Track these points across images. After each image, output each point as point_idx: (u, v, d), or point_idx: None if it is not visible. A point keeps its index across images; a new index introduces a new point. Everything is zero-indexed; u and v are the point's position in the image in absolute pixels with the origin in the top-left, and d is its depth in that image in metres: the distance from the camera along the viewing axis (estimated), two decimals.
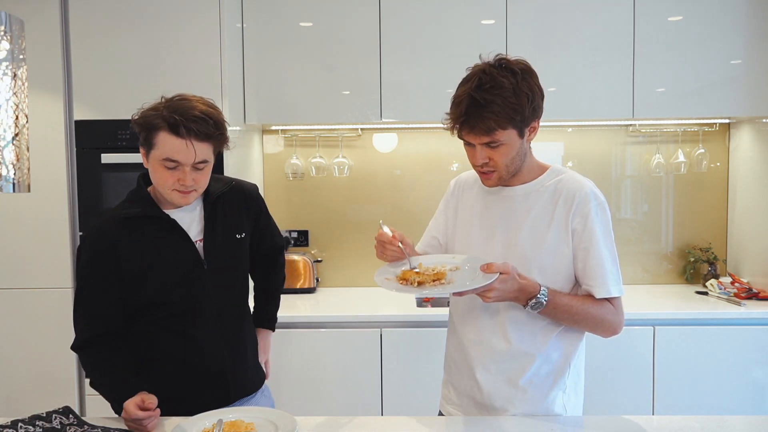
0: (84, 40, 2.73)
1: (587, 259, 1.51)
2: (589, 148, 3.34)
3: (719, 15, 2.89)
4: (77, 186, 2.77)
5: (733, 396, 2.72)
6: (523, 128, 1.49)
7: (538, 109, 1.50)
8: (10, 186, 1.24)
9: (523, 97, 1.45)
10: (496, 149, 1.49)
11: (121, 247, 1.59)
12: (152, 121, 1.54)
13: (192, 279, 1.62)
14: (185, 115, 1.51)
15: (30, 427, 1.45)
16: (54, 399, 2.58)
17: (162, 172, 1.55)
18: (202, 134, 1.53)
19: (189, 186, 1.55)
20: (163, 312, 1.63)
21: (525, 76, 1.48)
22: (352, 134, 3.30)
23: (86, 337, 1.62)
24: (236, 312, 1.73)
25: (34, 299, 2.75)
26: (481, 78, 1.46)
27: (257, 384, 1.78)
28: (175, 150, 1.52)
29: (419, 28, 2.93)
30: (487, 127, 1.45)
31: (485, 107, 1.43)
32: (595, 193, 1.53)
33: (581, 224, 1.51)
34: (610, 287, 1.51)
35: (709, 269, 3.22)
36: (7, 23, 1.21)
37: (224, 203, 1.71)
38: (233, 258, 1.70)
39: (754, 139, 3.11)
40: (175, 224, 1.62)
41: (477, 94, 1.44)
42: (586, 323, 1.54)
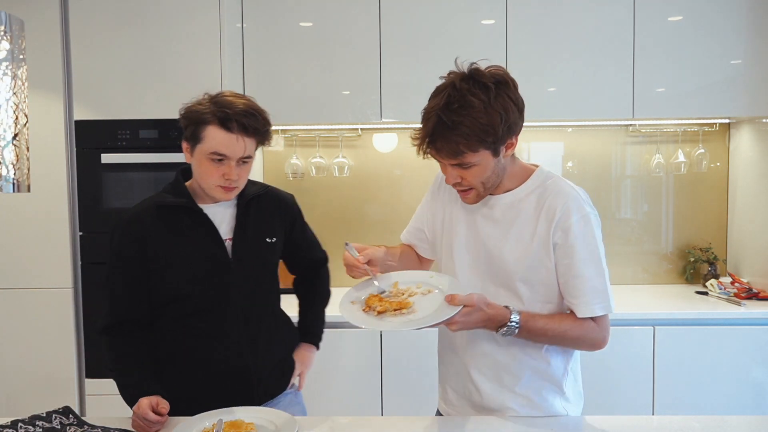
0: (84, 40, 2.73)
1: (568, 275, 1.43)
2: (589, 148, 3.34)
3: (719, 15, 2.89)
4: (77, 186, 2.77)
5: (733, 396, 2.72)
6: (497, 147, 1.39)
7: (514, 126, 1.39)
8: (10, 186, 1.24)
9: (495, 116, 1.34)
10: (468, 170, 1.40)
11: (152, 236, 1.61)
12: (201, 116, 1.56)
13: (217, 276, 1.63)
14: (234, 109, 1.54)
15: (30, 427, 1.45)
16: (54, 399, 2.58)
17: (208, 166, 1.57)
18: (251, 129, 1.55)
19: (233, 180, 1.57)
20: (186, 308, 1.63)
21: (499, 90, 1.36)
22: (352, 134, 3.30)
23: (110, 323, 1.63)
24: (261, 314, 1.71)
25: (34, 299, 2.75)
26: (450, 96, 1.34)
27: (282, 387, 1.77)
28: (223, 144, 1.54)
29: (419, 28, 2.93)
30: (454, 150, 1.36)
31: (453, 129, 1.33)
32: (579, 206, 1.44)
33: (562, 238, 1.42)
34: (594, 306, 1.42)
35: (709, 269, 3.22)
36: (7, 23, 1.21)
37: (257, 206, 1.72)
38: (261, 260, 1.69)
39: (754, 139, 3.11)
40: (207, 219, 1.63)
41: (444, 114, 1.33)
42: (565, 344, 1.48)
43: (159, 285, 1.62)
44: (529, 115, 3.14)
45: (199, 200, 1.66)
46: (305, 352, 1.86)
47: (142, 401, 1.50)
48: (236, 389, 1.64)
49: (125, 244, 1.62)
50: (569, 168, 3.34)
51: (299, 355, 1.84)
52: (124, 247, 1.63)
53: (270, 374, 1.72)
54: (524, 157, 3.36)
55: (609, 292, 1.45)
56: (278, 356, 1.76)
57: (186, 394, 1.62)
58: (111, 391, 2.72)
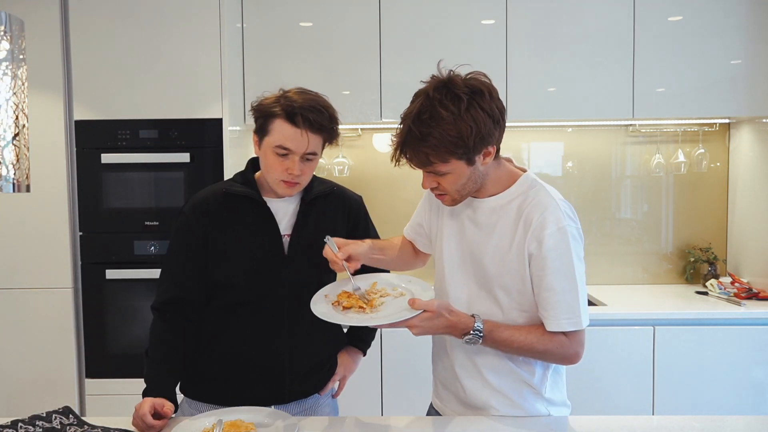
0: (84, 40, 2.73)
1: (540, 287, 1.42)
2: (589, 148, 3.34)
3: (719, 15, 2.89)
4: (77, 186, 2.77)
5: (733, 396, 2.72)
6: (470, 157, 1.37)
7: (488, 136, 1.36)
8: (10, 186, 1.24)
9: (465, 128, 1.32)
10: (443, 177, 1.41)
11: (215, 221, 1.63)
12: (270, 109, 1.57)
13: (270, 270, 1.63)
14: (304, 105, 1.55)
15: (30, 427, 1.45)
16: (54, 399, 2.59)
17: (273, 159, 1.58)
18: (317, 125, 1.56)
19: (296, 176, 1.58)
20: (235, 297, 1.64)
21: (472, 101, 1.34)
22: (352, 134, 3.30)
23: (164, 299, 1.65)
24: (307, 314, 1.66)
25: (34, 299, 2.75)
26: (422, 105, 1.34)
27: (316, 388, 1.74)
28: (289, 138, 1.55)
29: (419, 28, 2.93)
30: (423, 161, 1.37)
31: (422, 141, 1.34)
32: (557, 218, 1.41)
33: (536, 249, 1.40)
34: (562, 321, 1.40)
35: (709, 269, 3.22)
36: (7, 23, 1.21)
37: (322, 205, 1.72)
38: (316, 259, 1.66)
39: (754, 139, 3.11)
40: (270, 213, 1.65)
41: (414, 125, 1.34)
42: (533, 356, 1.47)
43: (213, 270, 1.64)
44: (529, 115, 3.17)
45: (265, 193, 1.67)
46: (350, 357, 1.84)
47: (146, 402, 1.51)
48: (267, 385, 1.66)
49: (190, 223, 1.65)
50: (569, 168, 3.34)
51: (343, 359, 1.83)
52: (189, 226, 1.65)
53: (307, 374, 1.71)
54: (524, 156, 3.36)
55: (581, 308, 1.41)
56: (319, 357, 1.75)
57: (220, 382, 1.65)
58: (111, 391, 2.75)
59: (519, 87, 2.93)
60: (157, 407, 1.50)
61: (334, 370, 1.80)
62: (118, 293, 2.74)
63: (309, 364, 1.72)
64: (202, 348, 1.68)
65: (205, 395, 1.67)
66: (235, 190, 1.65)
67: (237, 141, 2.86)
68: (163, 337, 1.65)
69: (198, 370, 1.68)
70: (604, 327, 2.72)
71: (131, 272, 2.74)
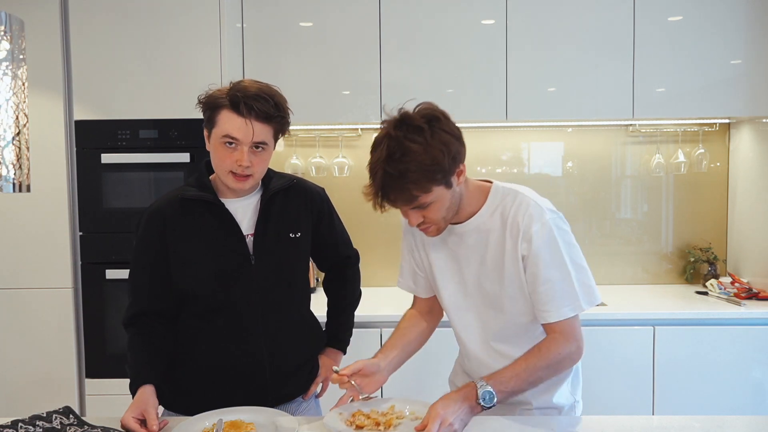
0: (84, 40, 2.73)
1: (536, 284, 1.45)
2: (589, 148, 3.34)
3: (719, 15, 2.89)
4: (77, 186, 2.77)
5: (733, 396, 2.72)
6: (448, 180, 1.40)
7: (458, 155, 1.40)
8: (10, 186, 1.24)
9: (438, 153, 1.35)
10: (428, 209, 1.42)
11: (173, 229, 1.61)
12: (216, 100, 1.56)
13: (237, 273, 1.61)
14: (246, 93, 1.52)
15: (30, 427, 1.45)
16: (54, 399, 2.59)
17: (221, 151, 1.55)
18: (262, 113, 1.53)
19: (246, 168, 1.54)
20: (205, 304, 1.62)
21: (433, 127, 1.37)
22: (352, 134, 3.30)
23: (133, 313, 1.64)
24: (284, 313, 1.67)
25: (34, 299, 2.75)
26: (390, 146, 1.35)
27: (299, 391, 1.74)
28: (234, 127, 1.52)
29: (419, 29, 2.93)
30: (408, 197, 1.37)
31: (401, 178, 1.34)
32: (539, 215, 1.45)
33: (527, 249, 1.44)
34: (563, 309, 1.43)
35: (709, 269, 3.22)
36: (7, 23, 1.21)
37: (283, 200, 1.68)
38: (283, 256, 1.65)
39: (754, 139, 3.11)
40: (229, 214, 1.62)
41: (389, 166, 1.34)
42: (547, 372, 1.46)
43: (179, 279, 1.61)
44: (529, 115, 3.18)
45: (222, 194, 1.64)
46: (331, 359, 1.82)
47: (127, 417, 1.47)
48: (249, 390, 1.63)
49: (149, 234, 1.63)
50: (569, 168, 3.34)
51: (324, 361, 1.80)
52: (147, 238, 1.63)
53: (289, 376, 1.69)
54: (524, 156, 3.36)
55: (578, 292, 1.44)
56: (300, 359, 1.72)
57: (200, 391, 1.63)
58: (111, 391, 2.74)
59: (519, 87, 2.93)
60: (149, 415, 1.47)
61: (317, 371, 1.78)
62: (118, 293, 2.74)
63: (290, 366, 1.69)
64: (178, 359, 1.65)
65: (185, 407, 1.63)
66: (190, 194, 1.62)
67: None
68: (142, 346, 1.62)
69: (176, 382, 1.65)
70: (604, 327, 2.71)
71: None
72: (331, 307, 1.90)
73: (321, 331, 1.84)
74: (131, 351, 1.62)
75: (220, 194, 1.64)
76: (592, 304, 1.46)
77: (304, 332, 1.75)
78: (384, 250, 3.23)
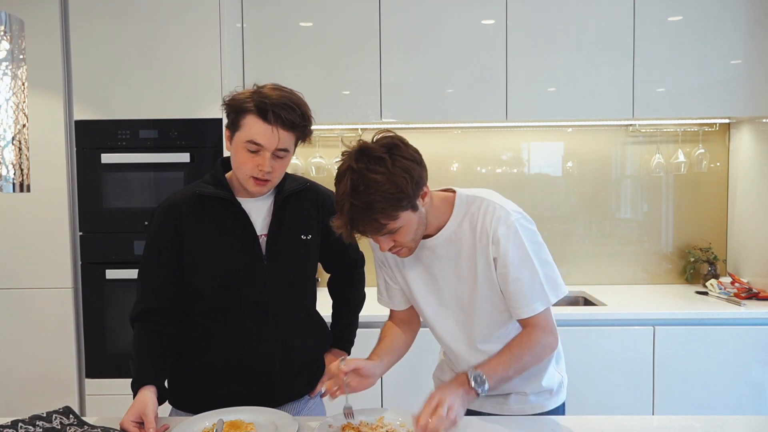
0: (84, 40, 2.73)
1: (506, 284, 1.50)
2: (589, 148, 3.34)
3: (719, 15, 2.89)
4: (77, 186, 2.77)
5: (733, 396, 2.72)
6: (414, 204, 1.43)
7: (420, 179, 1.43)
8: (10, 186, 1.24)
9: (401, 180, 1.37)
10: (397, 233, 1.44)
11: (187, 225, 1.61)
12: (242, 104, 1.55)
13: (249, 272, 1.61)
14: (276, 102, 1.53)
15: (30, 427, 1.45)
16: (54, 399, 2.58)
17: (243, 155, 1.55)
18: (288, 122, 1.54)
19: (267, 173, 1.55)
20: (216, 302, 1.63)
21: (393, 155, 1.39)
22: (352, 134, 3.30)
23: (141, 309, 1.63)
24: (293, 313, 1.69)
25: (34, 299, 2.75)
26: (353, 179, 1.37)
27: (306, 389, 1.74)
28: (260, 134, 1.52)
29: (419, 28, 2.93)
30: (376, 227, 1.40)
31: (368, 210, 1.37)
32: (504, 217, 1.49)
33: (496, 251, 1.49)
34: (534, 305, 1.49)
35: (709, 269, 3.22)
36: (7, 23, 1.21)
37: (295, 202, 1.69)
38: (295, 258, 1.67)
39: (754, 139, 3.11)
40: (244, 214, 1.62)
41: (355, 199, 1.36)
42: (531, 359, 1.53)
43: (191, 276, 1.62)
44: (529, 115, 3.18)
45: (237, 193, 1.65)
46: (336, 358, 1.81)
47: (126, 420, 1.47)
48: (260, 389, 1.64)
49: (162, 229, 1.63)
50: (569, 168, 3.34)
51: (330, 360, 1.80)
52: (161, 233, 1.63)
53: (297, 376, 1.70)
54: (524, 156, 3.36)
55: (545, 288, 1.50)
56: (308, 357, 1.73)
57: (210, 390, 1.63)
58: (111, 391, 2.74)
59: (519, 87, 2.93)
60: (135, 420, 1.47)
61: (323, 369, 1.78)
62: (118, 293, 2.74)
63: (299, 365, 1.70)
64: (188, 357, 1.66)
65: (195, 406, 1.63)
66: (207, 191, 1.62)
67: None
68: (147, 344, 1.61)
69: (186, 380, 1.66)
70: (604, 327, 2.71)
71: (131, 272, 2.71)
72: (336, 309, 1.92)
73: (327, 329, 1.86)
74: (136, 348, 1.62)
75: (236, 193, 1.65)
76: (558, 296, 1.52)
77: (311, 331, 1.77)
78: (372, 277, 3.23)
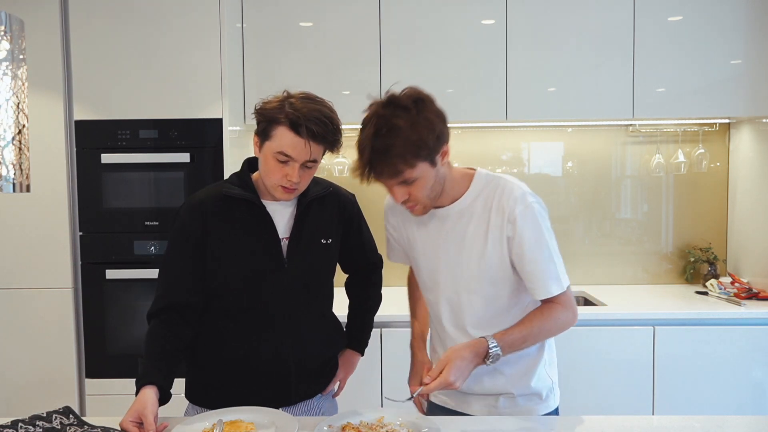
0: (84, 40, 2.73)
1: (522, 264, 1.51)
2: (589, 148, 3.34)
3: (719, 15, 2.89)
4: (77, 186, 2.77)
5: (733, 396, 2.72)
6: (433, 158, 1.46)
7: (442, 135, 1.47)
8: (10, 186, 1.24)
9: (422, 130, 1.42)
10: (412, 185, 1.47)
11: (212, 224, 1.62)
12: (275, 115, 1.56)
13: (270, 274, 1.63)
14: (308, 115, 1.55)
15: (30, 427, 1.45)
16: (54, 399, 2.59)
17: (273, 164, 1.57)
18: (320, 136, 1.56)
19: (295, 182, 1.57)
20: (235, 302, 1.64)
21: (419, 107, 1.45)
22: (352, 134, 3.29)
23: (161, 306, 1.62)
24: (309, 317, 1.70)
25: (34, 299, 2.75)
26: (377, 124, 1.44)
27: (320, 388, 1.76)
28: (291, 146, 1.54)
29: (419, 29, 2.93)
30: (394, 171, 1.43)
31: (387, 152, 1.41)
32: (522, 197, 1.52)
33: (512, 230, 1.50)
34: (550, 287, 1.51)
35: (709, 269, 3.22)
36: (7, 23, 1.21)
37: (318, 206, 1.71)
38: (315, 261, 1.69)
39: (754, 139, 3.11)
40: (268, 216, 1.64)
41: (376, 141, 1.42)
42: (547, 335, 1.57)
43: (212, 275, 1.63)
44: (529, 115, 3.17)
45: (262, 195, 1.66)
46: (349, 358, 1.87)
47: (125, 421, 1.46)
48: (273, 388, 1.65)
49: (188, 225, 1.63)
50: (569, 168, 3.34)
51: (343, 361, 1.85)
52: (187, 228, 1.63)
53: (311, 376, 1.71)
54: (524, 156, 3.36)
55: (560, 271, 1.53)
56: (323, 357, 1.76)
57: (227, 387, 1.65)
58: (111, 391, 2.74)
59: (519, 87, 2.93)
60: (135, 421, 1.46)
61: (336, 369, 1.81)
62: (118, 293, 2.74)
63: (314, 365, 1.72)
64: (206, 354, 1.67)
65: (212, 402, 1.64)
66: (234, 192, 1.64)
67: (237, 141, 2.86)
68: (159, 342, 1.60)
69: (204, 377, 1.68)
70: (604, 327, 2.71)
71: (131, 272, 2.74)
72: (353, 309, 1.94)
73: (342, 330, 1.87)
74: (148, 346, 1.60)
75: (260, 195, 1.66)
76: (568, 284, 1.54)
77: (327, 332, 1.78)
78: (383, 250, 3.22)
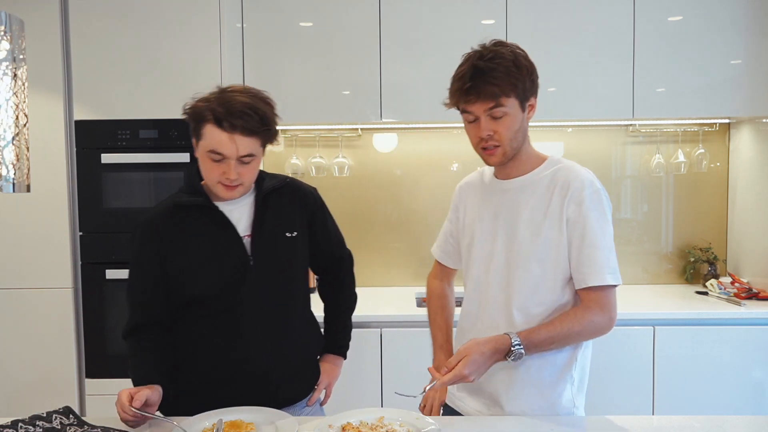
0: (84, 40, 2.73)
1: (582, 246, 1.48)
2: (589, 148, 3.34)
3: (719, 15, 2.89)
4: (77, 186, 2.77)
5: (733, 396, 2.72)
6: (524, 101, 1.52)
7: (535, 84, 1.55)
8: (10, 186, 1.24)
9: (522, 69, 1.51)
10: (500, 120, 1.50)
11: (170, 237, 1.60)
12: (201, 113, 1.53)
13: (237, 275, 1.60)
14: (230, 108, 1.50)
15: (30, 427, 1.45)
16: (54, 399, 2.59)
17: (208, 163, 1.55)
18: (247, 129, 1.51)
19: (233, 180, 1.54)
20: (206, 308, 1.61)
21: (521, 52, 1.55)
22: (352, 134, 3.30)
23: (132, 326, 1.63)
24: (284, 314, 1.66)
25: (34, 299, 2.75)
26: (482, 50, 1.52)
27: (302, 394, 1.73)
28: (219, 143, 1.50)
29: (419, 29, 2.93)
30: (492, 92, 1.47)
31: (489, 73, 1.47)
32: (591, 181, 1.53)
33: (575, 212, 1.49)
34: (606, 275, 1.46)
35: (709, 269, 3.22)
36: (7, 23, 1.21)
37: (276, 199, 1.67)
38: (282, 256, 1.65)
39: (754, 139, 3.11)
40: (224, 217, 1.61)
41: (480, 63, 1.48)
42: (577, 339, 1.52)
43: (178, 286, 1.60)
44: None
45: (215, 197, 1.63)
46: (332, 365, 1.82)
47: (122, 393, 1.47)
48: (255, 392, 1.61)
49: (144, 246, 1.62)
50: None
51: (325, 367, 1.80)
52: (143, 249, 1.62)
53: (291, 378, 1.68)
54: None
55: (616, 264, 1.50)
56: (301, 359, 1.72)
57: (205, 395, 1.61)
58: (111, 391, 2.74)
59: None
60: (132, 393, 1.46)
61: (318, 373, 1.77)
62: (118, 293, 2.74)
63: (293, 367, 1.68)
64: (180, 364, 1.64)
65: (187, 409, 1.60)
66: (184, 201, 1.61)
67: None
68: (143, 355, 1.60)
69: (180, 387, 1.64)
70: None
71: None
72: (328, 313, 1.89)
73: (320, 331, 1.83)
74: (134, 359, 1.61)
75: (213, 197, 1.63)
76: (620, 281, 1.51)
77: (305, 333, 1.74)
78: (383, 250, 3.24)
